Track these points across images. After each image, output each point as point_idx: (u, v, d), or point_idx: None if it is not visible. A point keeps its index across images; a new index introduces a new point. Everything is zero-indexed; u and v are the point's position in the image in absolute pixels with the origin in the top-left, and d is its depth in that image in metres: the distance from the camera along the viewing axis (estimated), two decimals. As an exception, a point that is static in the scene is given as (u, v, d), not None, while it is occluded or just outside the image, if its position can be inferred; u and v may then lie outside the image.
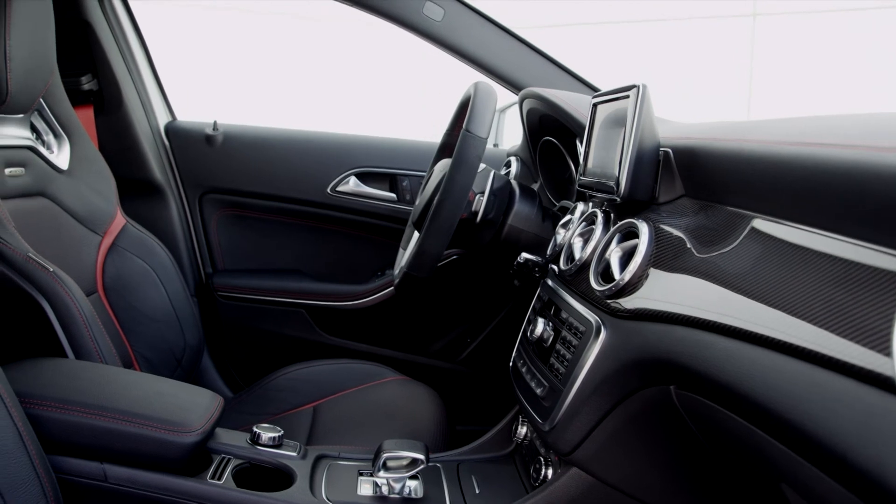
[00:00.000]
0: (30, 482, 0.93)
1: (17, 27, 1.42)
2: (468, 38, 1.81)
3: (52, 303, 1.32)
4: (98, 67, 2.01)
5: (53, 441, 1.06)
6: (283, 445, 1.23)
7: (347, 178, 2.11)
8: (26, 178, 1.55)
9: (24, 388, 1.06)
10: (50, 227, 1.59)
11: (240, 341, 2.16)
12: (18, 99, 1.48)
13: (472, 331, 2.10)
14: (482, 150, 1.30)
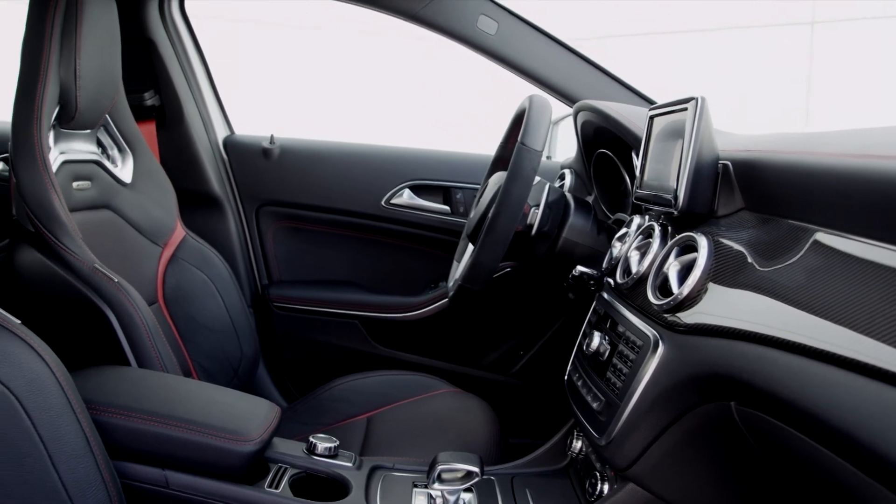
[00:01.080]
0: (97, 486, 0.96)
1: (86, 47, 1.48)
2: (522, 51, 1.82)
3: (116, 312, 1.36)
4: (160, 83, 2.06)
5: (118, 447, 1.09)
6: (338, 456, 1.24)
7: (401, 190, 2.13)
8: (92, 192, 1.60)
9: (90, 395, 1.09)
10: (114, 239, 1.63)
11: (294, 352, 2.19)
12: (86, 115, 1.53)
13: (525, 343, 2.09)
14: (537, 162, 1.30)
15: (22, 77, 1.45)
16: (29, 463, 0.91)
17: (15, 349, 0.92)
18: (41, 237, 1.40)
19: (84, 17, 1.48)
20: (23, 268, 1.44)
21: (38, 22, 1.45)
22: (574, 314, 1.79)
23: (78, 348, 1.32)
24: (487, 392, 1.90)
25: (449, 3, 1.79)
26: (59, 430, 0.93)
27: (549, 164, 2.17)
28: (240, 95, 2.77)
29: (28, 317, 1.01)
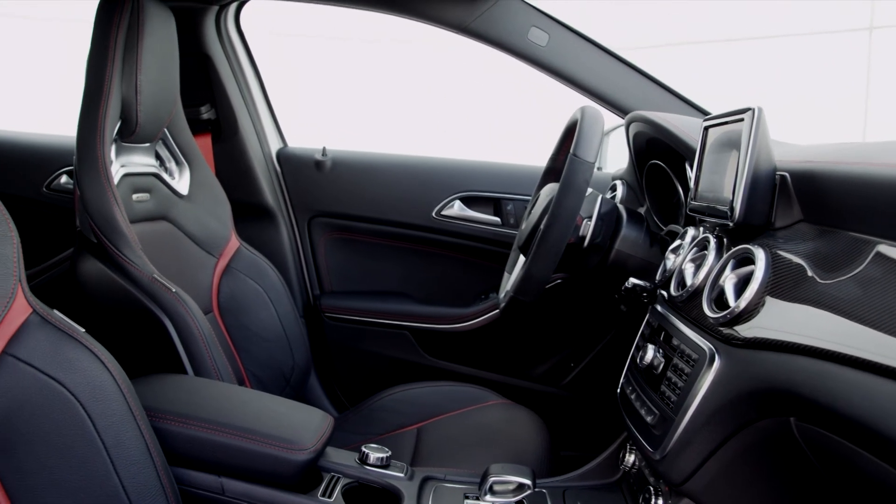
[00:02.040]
0: (156, 492, 0.98)
1: (147, 63, 1.52)
2: (573, 63, 1.81)
3: (174, 321, 1.40)
4: (216, 97, 2.11)
5: (176, 454, 1.11)
6: (390, 466, 1.25)
7: (452, 202, 2.14)
8: (151, 204, 1.64)
9: (150, 403, 1.12)
10: (171, 250, 1.67)
11: (345, 362, 2.21)
12: (146, 129, 1.58)
13: (576, 355, 2.08)
14: (590, 174, 1.30)
15: (86, 93, 1.50)
16: (92, 468, 0.93)
17: (80, 357, 0.95)
18: (103, 248, 1.44)
19: (145, 35, 1.52)
20: (85, 278, 1.48)
21: (102, 39, 1.50)
22: (625, 327, 1.78)
23: (137, 356, 1.35)
24: (537, 404, 1.89)
25: (500, 16, 1.80)
26: (120, 436, 0.96)
27: (600, 175, 2.16)
28: (293, 108, 2.81)
29: (90, 325, 1.04)
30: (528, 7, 1.81)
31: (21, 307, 0.95)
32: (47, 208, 2.28)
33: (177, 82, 1.68)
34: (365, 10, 1.90)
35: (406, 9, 1.82)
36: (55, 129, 2.43)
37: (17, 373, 0.91)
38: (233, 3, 2.04)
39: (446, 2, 1.79)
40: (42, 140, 2.35)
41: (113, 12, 1.51)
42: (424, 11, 1.81)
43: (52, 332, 0.96)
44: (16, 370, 0.92)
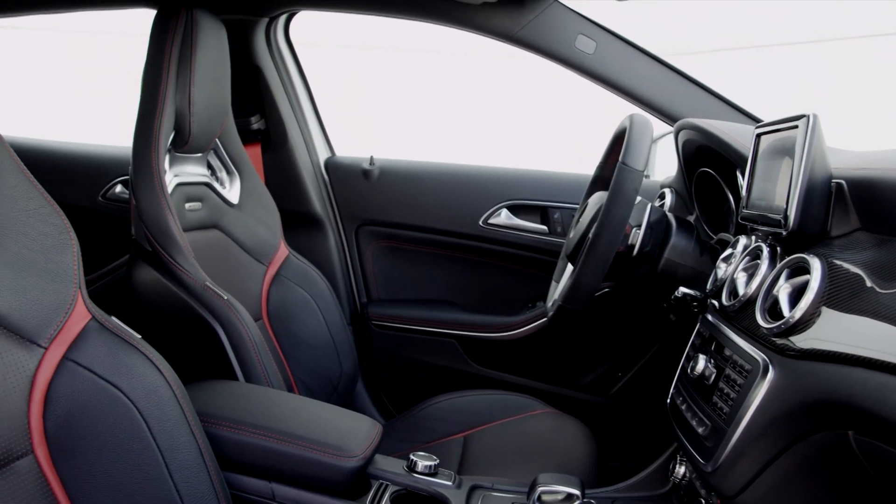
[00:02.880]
0: (209, 496, 1.00)
1: (199, 76, 1.55)
2: (621, 70, 1.80)
3: (225, 329, 1.42)
4: (266, 108, 2.14)
5: (228, 459, 1.13)
6: (438, 474, 1.25)
7: (499, 210, 2.14)
8: (203, 212, 1.67)
9: (202, 408, 1.13)
10: (222, 258, 1.70)
11: (392, 369, 2.22)
12: (198, 140, 1.61)
13: (624, 365, 2.06)
14: (639, 182, 1.29)
15: (142, 105, 1.54)
16: (148, 471, 0.95)
17: (136, 362, 0.98)
18: (157, 256, 1.47)
19: (198, 48, 1.55)
20: (140, 285, 1.52)
21: (157, 53, 1.54)
22: (674, 336, 1.75)
23: (189, 362, 1.38)
24: (584, 413, 1.88)
25: (547, 24, 1.80)
26: (175, 440, 0.97)
27: (647, 183, 2.14)
28: (341, 118, 2.84)
29: (145, 331, 1.07)
30: (574, 15, 1.81)
31: (81, 314, 0.98)
32: (103, 217, 2.33)
33: (228, 94, 1.71)
34: (412, 21, 1.92)
35: (453, 19, 1.83)
36: (108, 140, 2.49)
37: (77, 377, 0.94)
38: (283, 14, 2.07)
39: (494, 11, 1.80)
40: (97, 151, 2.41)
41: (168, 26, 1.54)
42: (472, 21, 1.82)
43: (110, 339, 0.98)
44: (76, 375, 0.94)
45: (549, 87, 7.17)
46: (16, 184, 0.94)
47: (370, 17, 1.98)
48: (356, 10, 1.94)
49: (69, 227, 0.99)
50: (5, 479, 0.87)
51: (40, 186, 0.97)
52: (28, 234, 0.94)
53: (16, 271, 0.92)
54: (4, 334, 0.90)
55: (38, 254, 0.95)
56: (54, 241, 0.97)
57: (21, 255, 0.93)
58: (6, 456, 0.87)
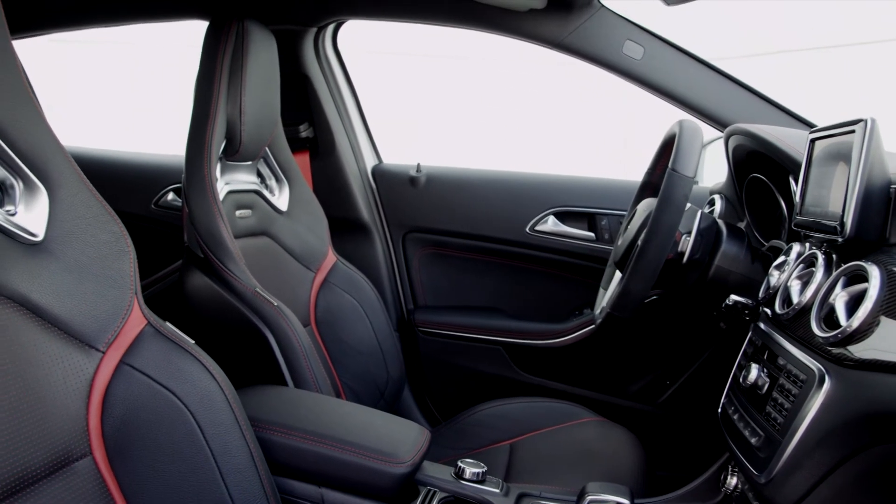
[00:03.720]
0: (260, 499, 1.01)
1: (250, 85, 1.58)
2: (669, 76, 1.78)
3: (275, 334, 1.44)
4: (314, 116, 2.17)
5: (278, 463, 1.15)
6: (486, 481, 1.25)
7: (546, 217, 2.13)
8: (253, 220, 1.70)
9: (253, 413, 1.15)
10: (271, 264, 1.72)
11: (438, 376, 2.22)
12: (249, 148, 1.64)
13: (672, 373, 2.03)
14: (689, 189, 1.28)
15: (195, 115, 1.57)
16: (201, 474, 0.97)
17: (190, 367, 0.99)
18: (209, 262, 1.50)
19: (249, 58, 1.58)
20: (192, 290, 1.55)
21: (209, 63, 1.57)
22: (724, 344, 1.73)
23: (239, 367, 1.40)
24: (632, 422, 1.86)
25: (594, 30, 1.79)
26: (227, 444, 0.99)
27: (696, 189, 2.11)
28: (388, 125, 2.86)
29: (197, 336, 1.09)
30: (622, 20, 1.80)
31: (137, 319, 1.00)
32: (155, 224, 2.38)
33: (278, 103, 1.74)
34: (459, 28, 1.93)
35: (500, 26, 1.84)
36: (158, 148, 2.55)
37: (133, 381, 0.96)
38: (330, 24, 2.10)
39: (540, 18, 1.80)
40: (150, 159, 2.47)
41: (220, 37, 1.57)
42: (519, 28, 1.82)
43: (164, 343, 1.00)
44: (132, 379, 0.96)
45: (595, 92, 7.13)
46: (76, 192, 0.97)
47: (413, 25, 2.00)
48: (403, 19, 1.95)
49: (126, 235, 1.01)
50: (66, 479, 0.89)
51: (98, 195, 1.00)
52: (87, 242, 0.97)
53: (75, 277, 0.94)
54: (65, 339, 0.92)
55: (96, 260, 0.97)
56: (112, 249, 0.99)
57: (80, 262, 0.95)
58: (66, 457, 0.90)
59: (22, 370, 0.86)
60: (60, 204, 0.95)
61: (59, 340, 0.92)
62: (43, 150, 0.93)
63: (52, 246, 0.93)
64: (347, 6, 1.97)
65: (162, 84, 7.25)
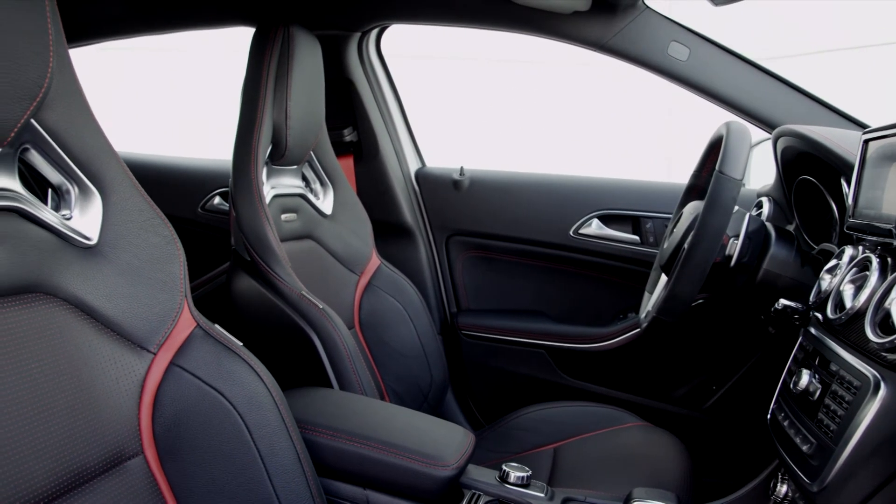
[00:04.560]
0: (306, 500, 1.02)
1: (296, 90, 1.60)
2: (716, 77, 1.76)
3: (320, 337, 1.45)
4: (358, 120, 2.18)
5: (324, 465, 1.15)
6: (530, 486, 1.24)
7: (590, 220, 2.12)
8: (298, 223, 1.72)
9: (300, 415, 1.16)
10: (316, 267, 1.74)
11: (481, 379, 2.22)
12: (294, 153, 1.66)
13: (719, 378, 2.00)
14: (737, 192, 1.26)
15: (241, 120, 1.60)
16: (249, 474, 0.98)
17: (238, 369, 1.01)
18: (256, 265, 1.52)
19: (294, 63, 1.60)
20: (239, 293, 1.57)
21: (256, 69, 1.59)
22: (772, 349, 1.70)
23: (285, 369, 1.42)
24: (677, 427, 1.84)
25: (638, 32, 1.78)
26: (274, 445, 1.00)
27: (743, 191, 2.08)
28: (431, 129, 2.87)
29: (243, 338, 1.10)
30: (667, 21, 1.78)
31: (187, 321, 1.02)
32: (202, 227, 2.42)
33: (323, 107, 1.76)
34: (502, 32, 1.92)
35: (544, 29, 1.83)
36: (203, 153, 2.59)
37: (184, 383, 0.98)
38: (374, 29, 2.11)
39: (584, 20, 1.79)
40: (197, 164, 2.51)
41: (266, 43, 1.59)
42: (562, 31, 1.81)
43: (213, 345, 1.02)
44: (182, 380, 0.98)
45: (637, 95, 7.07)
46: (128, 197, 0.99)
47: (455, 29, 2.00)
48: (446, 23, 1.96)
49: (176, 238, 1.03)
50: (119, 477, 0.91)
51: (150, 199, 1.02)
52: (139, 245, 0.99)
53: (127, 280, 0.96)
54: (118, 340, 0.94)
55: (147, 263, 0.99)
56: (162, 252, 1.01)
57: (132, 265, 0.97)
58: (119, 455, 0.92)
59: (77, 370, 0.89)
60: (113, 208, 0.97)
61: (112, 342, 0.94)
62: (97, 156, 0.95)
63: (106, 249, 0.95)
64: (391, 11, 1.98)
65: (208, 89, 7.37)
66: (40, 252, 0.87)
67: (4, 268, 0.82)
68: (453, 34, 7.22)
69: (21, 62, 0.79)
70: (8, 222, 0.84)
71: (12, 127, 0.81)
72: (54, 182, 0.93)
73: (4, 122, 0.79)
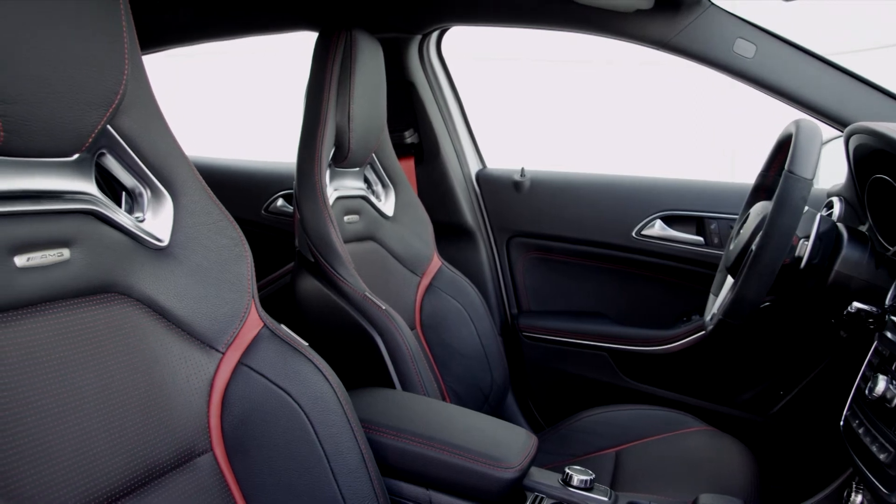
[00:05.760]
0: (370, 500, 1.03)
1: (358, 93, 1.61)
2: (784, 73, 1.72)
3: (383, 338, 1.47)
4: (419, 122, 2.20)
5: (387, 465, 1.16)
6: (593, 489, 1.23)
7: (653, 221, 2.09)
8: (360, 225, 1.73)
9: (363, 415, 1.18)
10: (378, 269, 1.76)
11: (542, 381, 2.21)
12: (356, 155, 1.67)
13: (786, 383, 1.95)
14: (807, 192, 1.23)
15: (305, 123, 1.62)
16: (314, 473, 1.00)
17: (304, 368, 1.02)
18: (320, 266, 1.54)
19: (357, 66, 1.62)
20: (303, 294, 1.59)
21: (319, 73, 1.62)
22: (844, 353, 1.65)
23: (348, 369, 1.43)
24: (742, 432, 1.80)
25: (703, 29, 1.74)
26: (339, 445, 1.01)
27: (812, 191, 2.02)
28: (492, 130, 2.87)
29: (307, 338, 1.12)
30: (732, 18, 1.74)
31: (254, 321, 1.04)
32: (265, 229, 2.47)
33: (384, 110, 1.77)
34: (562, 32, 1.91)
35: (605, 28, 1.81)
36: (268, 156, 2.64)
37: (251, 382, 1.00)
38: (435, 31, 2.12)
39: (647, 19, 1.76)
40: (260, 167, 2.56)
41: (329, 47, 1.62)
42: (625, 30, 1.79)
43: (280, 345, 1.03)
44: (250, 379, 1.00)
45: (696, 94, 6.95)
46: (197, 199, 1.01)
47: (517, 30, 1.99)
48: (507, 24, 1.96)
49: (243, 239, 1.05)
50: (189, 473, 0.94)
51: (218, 201, 1.04)
52: (208, 247, 1.01)
53: (197, 281, 0.99)
54: (188, 339, 0.97)
55: (216, 264, 1.01)
56: (231, 253, 1.03)
57: (202, 266, 1.00)
58: (189, 452, 0.94)
59: (150, 369, 0.91)
60: (184, 210, 0.99)
61: (182, 341, 0.97)
62: (169, 159, 0.98)
63: (176, 250, 0.98)
64: (451, 13, 1.98)
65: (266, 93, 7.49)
66: (115, 253, 0.90)
67: (82, 269, 0.85)
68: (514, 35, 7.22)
69: (99, 70, 0.81)
70: (85, 224, 0.87)
71: (90, 133, 0.83)
72: (128, 185, 0.96)
73: (83, 128, 0.82)
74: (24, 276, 0.78)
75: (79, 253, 0.85)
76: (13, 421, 0.74)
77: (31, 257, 0.79)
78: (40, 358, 0.79)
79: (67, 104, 0.78)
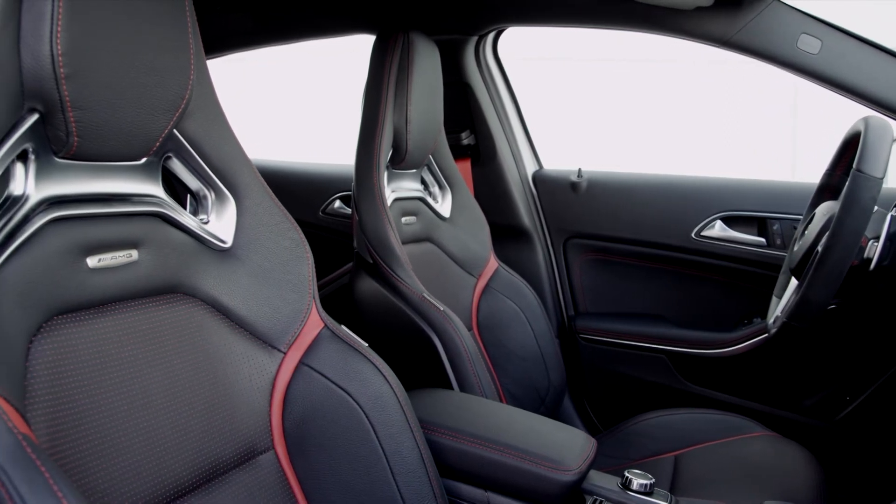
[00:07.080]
0: (429, 501, 1.03)
1: (415, 95, 1.63)
2: (851, 69, 1.66)
3: (441, 339, 1.47)
4: (475, 123, 2.20)
5: (446, 466, 1.17)
6: (653, 494, 1.22)
7: (713, 222, 2.05)
8: (417, 226, 1.74)
9: (422, 415, 1.18)
10: (435, 270, 1.76)
11: (599, 384, 2.19)
12: (414, 157, 1.68)
13: (853, 388, 1.89)
14: (877, 191, 1.20)
15: (363, 125, 1.64)
16: (374, 473, 1.00)
17: (364, 369, 1.04)
18: (378, 268, 1.55)
19: (414, 69, 1.63)
20: (362, 295, 1.61)
21: (377, 75, 1.63)
22: (915, 358, 1.60)
23: (406, 370, 1.44)
24: (807, 439, 1.75)
25: (765, 25, 1.70)
26: (399, 445, 1.02)
27: (882, 191, 1.96)
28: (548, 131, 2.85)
29: (365, 338, 1.13)
30: (797, 13, 1.70)
31: (315, 322, 1.05)
32: (323, 230, 2.50)
33: (441, 111, 1.78)
34: (620, 31, 1.89)
35: (665, 26, 1.78)
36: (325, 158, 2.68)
37: (312, 382, 1.01)
38: (490, 32, 2.12)
39: (707, 16, 1.73)
40: (318, 169, 2.59)
41: (386, 50, 1.63)
42: (684, 27, 1.76)
43: (340, 346, 1.05)
44: (311, 379, 1.01)
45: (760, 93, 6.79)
46: (259, 202, 1.03)
47: (573, 30, 1.98)
48: (564, 24, 1.94)
49: (304, 241, 1.07)
50: (251, 470, 0.95)
51: (279, 203, 1.06)
52: (270, 248, 1.03)
53: (259, 281, 1.01)
54: (250, 339, 0.99)
55: (278, 265, 1.03)
56: (292, 254, 1.05)
57: (264, 267, 1.02)
58: (252, 450, 0.96)
59: (214, 368, 0.93)
60: (246, 212, 1.01)
61: (245, 340, 0.98)
62: (232, 163, 1.00)
63: (240, 252, 1.00)
64: (508, 14, 1.98)
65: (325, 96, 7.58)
66: (181, 254, 0.92)
67: (149, 269, 0.87)
68: (561, 35, 7.16)
69: (167, 76, 0.84)
70: (152, 226, 0.89)
71: (158, 137, 0.86)
72: (193, 188, 0.99)
73: (151, 132, 0.84)
74: (95, 276, 0.81)
75: (146, 254, 0.87)
76: (86, 417, 0.76)
77: (101, 258, 0.82)
78: (110, 356, 0.81)
79: (136, 110, 0.81)
